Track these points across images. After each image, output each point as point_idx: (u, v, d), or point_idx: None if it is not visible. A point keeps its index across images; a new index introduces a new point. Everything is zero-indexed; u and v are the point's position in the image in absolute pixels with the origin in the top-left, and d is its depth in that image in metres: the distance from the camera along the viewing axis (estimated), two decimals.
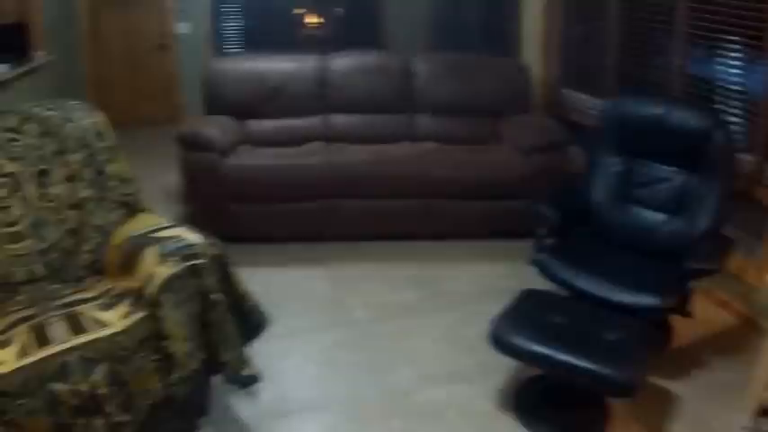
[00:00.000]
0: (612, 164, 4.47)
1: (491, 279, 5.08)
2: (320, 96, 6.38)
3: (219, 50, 9.51)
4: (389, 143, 6.13)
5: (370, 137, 6.20)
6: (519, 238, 5.33)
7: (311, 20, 10.08)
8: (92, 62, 9.45)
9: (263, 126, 6.32)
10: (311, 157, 5.78)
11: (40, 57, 7.81)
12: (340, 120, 6.37)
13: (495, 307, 3.78)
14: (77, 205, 3.73)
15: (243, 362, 3.30)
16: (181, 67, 9.48)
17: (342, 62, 6.49)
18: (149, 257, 3.26)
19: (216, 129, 5.79)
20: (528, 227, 4.68)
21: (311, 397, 3.83)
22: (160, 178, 6.81)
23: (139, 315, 3.14)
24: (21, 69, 7.07)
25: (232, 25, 9.74)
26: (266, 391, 3.81)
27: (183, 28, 9.38)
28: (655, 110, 4.30)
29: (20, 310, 3.34)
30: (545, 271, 4.11)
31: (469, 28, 8.76)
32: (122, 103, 9.14)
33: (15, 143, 3.68)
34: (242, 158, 5.73)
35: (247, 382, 3.34)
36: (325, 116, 6.39)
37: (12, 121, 3.73)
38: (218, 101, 6.34)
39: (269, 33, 9.68)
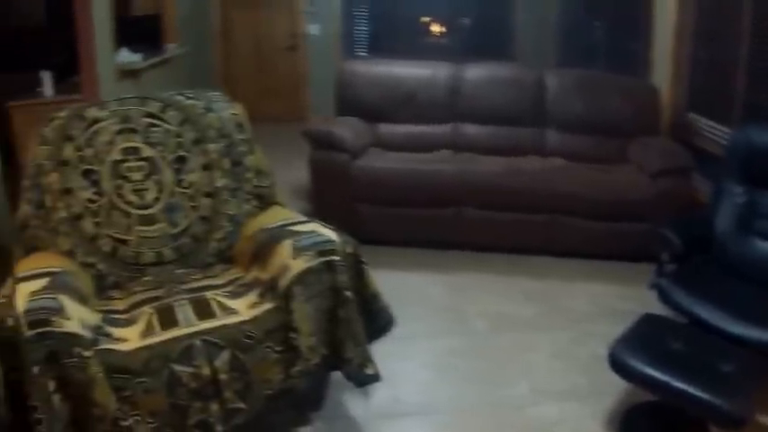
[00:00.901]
0: (736, 193, 4.33)
1: (609, 300, 4.98)
2: (451, 105, 6.38)
3: (348, 53, 9.62)
4: (517, 156, 6.08)
5: (498, 148, 6.18)
6: (639, 261, 5.22)
7: (436, 28, 10.14)
8: (221, 58, 9.71)
9: (393, 130, 6.37)
10: (441, 164, 5.79)
11: (172, 49, 8.06)
12: (470, 129, 6.36)
13: (611, 328, 3.73)
14: (212, 194, 3.81)
15: (367, 360, 3.28)
16: (309, 68, 9.62)
17: (475, 72, 6.47)
18: (284, 250, 3.28)
19: (347, 129, 5.88)
20: (649, 250, 4.59)
21: (422, 402, 3.80)
22: (284, 174, 6.84)
23: (268, 306, 3.18)
24: (153, 60, 7.30)
25: (359, 29, 9.86)
26: (379, 392, 3.78)
27: (312, 29, 9.53)
28: None
29: (146, 290, 3.43)
30: (664, 296, 4.02)
31: (596, 45, 8.66)
32: (248, 99, 9.21)
33: (155, 128, 3.79)
34: (372, 161, 5.79)
35: (367, 380, 3.31)
36: (456, 125, 6.39)
37: (154, 107, 3.84)
38: (350, 102, 6.42)
39: (394, 39, 9.78)
